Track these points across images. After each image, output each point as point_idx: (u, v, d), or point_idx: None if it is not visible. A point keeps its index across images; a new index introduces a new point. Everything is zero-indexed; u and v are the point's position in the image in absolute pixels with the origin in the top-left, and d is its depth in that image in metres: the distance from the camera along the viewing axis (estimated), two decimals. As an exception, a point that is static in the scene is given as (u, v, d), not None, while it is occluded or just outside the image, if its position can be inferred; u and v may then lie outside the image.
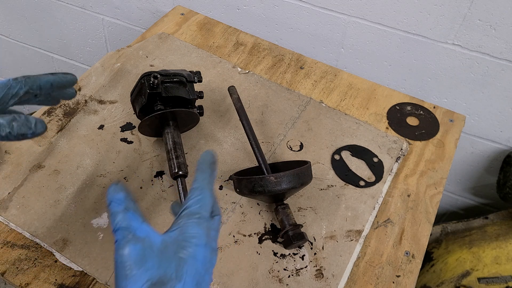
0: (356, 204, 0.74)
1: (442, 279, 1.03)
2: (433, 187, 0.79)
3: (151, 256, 0.39)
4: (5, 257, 0.64)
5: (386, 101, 0.92)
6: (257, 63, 0.97)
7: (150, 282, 0.37)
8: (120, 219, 0.40)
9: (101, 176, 0.74)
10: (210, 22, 1.07)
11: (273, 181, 0.64)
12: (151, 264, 0.38)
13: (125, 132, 0.81)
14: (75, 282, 0.62)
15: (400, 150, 0.83)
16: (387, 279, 0.67)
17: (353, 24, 1.01)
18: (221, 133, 0.82)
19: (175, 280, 0.38)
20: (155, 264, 0.38)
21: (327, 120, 0.87)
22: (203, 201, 0.43)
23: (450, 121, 0.90)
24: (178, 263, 0.39)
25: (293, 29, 1.09)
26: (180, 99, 0.74)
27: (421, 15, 0.93)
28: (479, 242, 1.02)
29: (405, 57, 1.01)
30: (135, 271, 0.37)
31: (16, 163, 0.74)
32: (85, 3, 1.31)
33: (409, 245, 0.71)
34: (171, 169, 0.70)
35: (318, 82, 0.94)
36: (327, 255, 0.68)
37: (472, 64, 0.95)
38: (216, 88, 0.90)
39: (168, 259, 0.39)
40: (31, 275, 0.62)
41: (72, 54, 1.51)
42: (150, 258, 0.38)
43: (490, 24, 0.88)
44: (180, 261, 0.39)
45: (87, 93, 0.86)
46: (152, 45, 0.98)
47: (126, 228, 0.40)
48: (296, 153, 0.81)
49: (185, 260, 0.39)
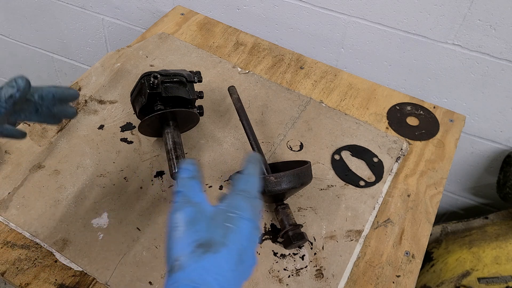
0: (356, 204, 0.74)
1: (442, 279, 1.03)
2: (433, 187, 0.79)
3: (201, 220, 0.42)
4: (5, 257, 0.64)
5: (386, 101, 0.92)
6: (257, 63, 0.97)
7: (197, 242, 0.40)
8: (184, 184, 0.45)
9: (101, 176, 0.74)
10: (210, 22, 1.07)
11: (273, 181, 0.64)
12: (200, 227, 0.41)
13: (125, 132, 0.81)
14: (75, 282, 0.62)
15: (400, 150, 0.83)
16: (387, 279, 0.67)
17: (353, 24, 1.01)
18: (221, 133, 0.82)
19: (220, 245, 0.40)
20: (203, 227, 0.41)
21: (327, 120, 0.87)
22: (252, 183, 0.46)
23: (450, 121, 0.90)
24: (224, 231, 0.41)
25: (293, 29, 1.09)
26: (180, 99, 0.74)
27: (421, 15, 0.93)
28: (479, 242, 1.02)
29: (405, 57, 1.01)
30: (185, 230, 0.41)
31: (16, 163, 0.74)
32: (85, 3, 1.31)
33: (409, 245, 0.71)
34: (171, 169, 0.70)
35: (318, 82, 0.94)
36: (327, 255, 0.68)
37: (472, 64, 0.95)
38: (216, 88, 0.90)
39: (216, 225, 0.42)
40: (31, 275, 0.62)
41: (72, 54, 1.51)
42: (200, 221, 0.42)
43: (490, 24, 0.88)
44: (227, 229, 0.41)
45: (87, 93, 0.86)
46: (152, 45, 0.98)
47: (186, 193, 0.44)
48: (296, 153, 0.81)
49: (231, 229, 0.42)
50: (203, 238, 0.40)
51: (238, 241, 0.41)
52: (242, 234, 0.42)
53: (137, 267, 0.64)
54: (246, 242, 0.42)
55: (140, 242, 0.66)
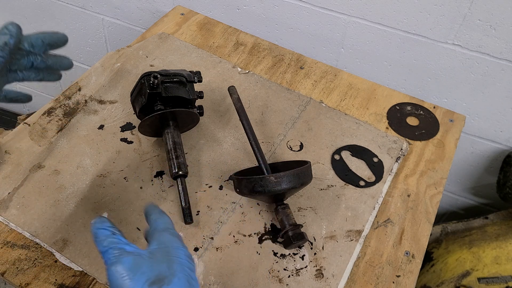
0: (356, 204, 0.74)
1: (442, 279, 1.03)
2: (433, 187, 0.79)
3: (143, 262, 0.43)
4: (5, 257, 0.64)
5: (386, 101, 0.92)
6: (257, 63, 0.97)
7: (149, 281, 0.41)
8: (109, 242, 0.45)
9: (101, 176, 0.74)
10: (210, 22, 1.07)
11: (273, 181, 0.64)
12: (145, 268, 0.42)
13: (125, 132, 0.81)
14: (75, 282, 0.62)
15: (400, 150, 0.83)
16: (387, 279, 0.67)
17: (353, 24, 1.01)
18: (221, 133, 0.82)
19: (170, 276, 0.42)
20: (148, 268, 0.43)
21: (327, 120, 0.87)
22: (167, 221, 0.50)
23: (450, 121, 0.90)
24: (168, 263, 0.44)
25: (293, 29, 1.09)
26: (180, 99, 0.74)
27: (421, 15, 0.93)
28: (479, 242, 1.02)
29: (405, 57, 1.01)
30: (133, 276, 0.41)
31: (16, 163, 0.74)
32: (85, 3, 1.31)
33: (409, 245, 0.71)
34: (171, 169, 0.70)
35: (318, 82, 0.94)
36: (327, 255, 0.68)
37: (472, 64, 0.95)
38: (216, 88, 0.90)
39: (158, 261, 0.44)
40: (31, 275, 0.62)
41: (72, 54, 1.51)
42: (142, 264, 0.43)
43: (490, 24, 0.88)
44: (169, 261, 0.44)
45: (87, 93, 0.86)
46: (152, 45, 0.98)
47: (115, 247, 0.44)
48: (296, 153, 0.81)
49: (173, 259, 0.44)
50: (153, 276, 0.42)
51: (182, 269, 0.44)
52: (183, 262, 0.45)
53: (137, 267, 0.64)
54: (188, 268, 0.45)
55: (140, 242, 0.66)
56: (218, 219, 0.70)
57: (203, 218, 0.70)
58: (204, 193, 0.73)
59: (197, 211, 0.71)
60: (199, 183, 0.75)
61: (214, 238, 0.68)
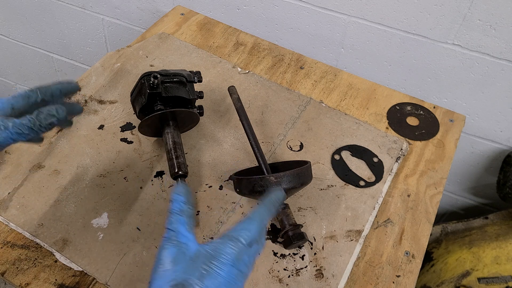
0: (356, 204, 0.74)
1: (442, 279, 1.03)
2: (433, 187, 0.79)
3: (182, 261, 0.44)
4: (5, 257, 0.64)
5: (386, 101, 0.92)
6: (257, 63, 0.97)
7: (173, 282, 0.42)
8: (173, 220, 0.47)
9: (101, 176, 0.74)
10: (210, 22, 1.07)
11: (273, 181, 0.64)
12: (179, 267, 0.43)
13: (125, 132, 0.81)
14: (75, 282, 0.62)
15: (400, 150, 0.83)
16: (387, 279, 0.67)
17: (353, 24, 1.01)
18: (221, 133, 0.82)
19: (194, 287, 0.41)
20: (182, 268, 0.43)
21: (327, 120, 0.87)
22: (246, 231, 0.46)
23: (450, 121, 0.90)
24: (201, 274, 0.42)
25: (293, 29, 1.09)
26: (180, 99, 0.74)
27: (421, 15, 0.93)
28: (479, 242, 1.02)
29: (405, 57, 1.01)
30: (165, 268, 0.43)
31: (16, 163, 0.74)
32: (85, 3, 1.31)
33: (409, 245, 0.71)
34: (171, 169, 0.70)
35: (318, 82, 0.94)
36: (327, 255, 0.68)
37: (472, 64, 0.95)
38: (216, 88, 0.90)
39: (195, 267, 0.43)
40: (31, 275, 0.62)
41: (72, 54, 1.51)
42: (180, 262, 0.44)
43: (490, 24, 0.88)
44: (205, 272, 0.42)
45: (87, 93, 0.86)
46: (152, 45, 0.98)
47: (173, 230, 0.46)
48: (296, 153, 0.81)
49: (210, 272, 0.42)
50: (179, 279, 0.42)
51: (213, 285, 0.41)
52: (221, 278, 0.42)
53: (137, 267, 0.64)
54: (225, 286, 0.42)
55: (140, 242, 0.66)
56: (218, 219, 0.70)
57: (203, 218, 0.70)
58: (204, 193, 0.73)
59: (197, 211, 0.71)
60: (199, 183, 0.75)
61: (214, 238, 0.68)
